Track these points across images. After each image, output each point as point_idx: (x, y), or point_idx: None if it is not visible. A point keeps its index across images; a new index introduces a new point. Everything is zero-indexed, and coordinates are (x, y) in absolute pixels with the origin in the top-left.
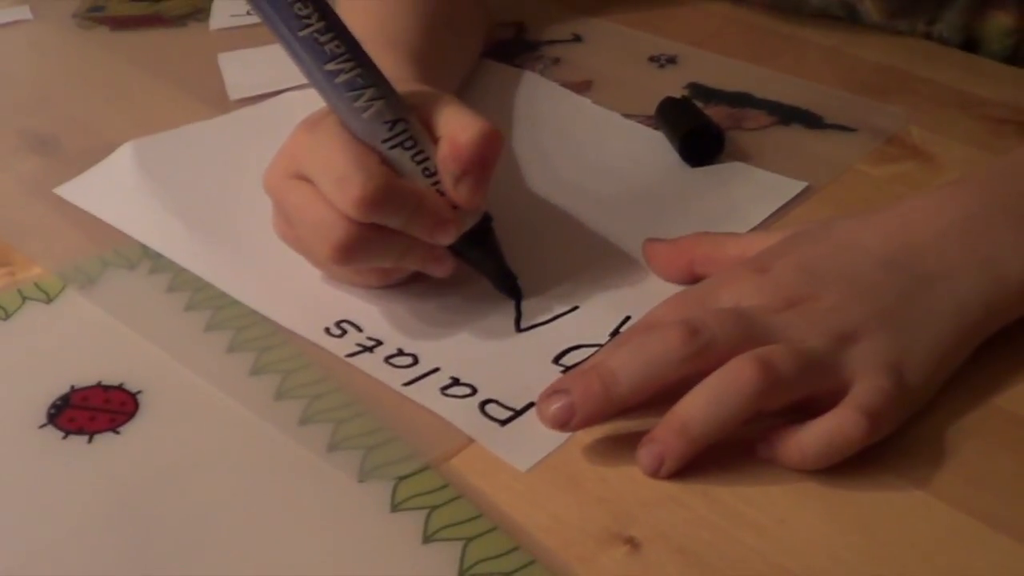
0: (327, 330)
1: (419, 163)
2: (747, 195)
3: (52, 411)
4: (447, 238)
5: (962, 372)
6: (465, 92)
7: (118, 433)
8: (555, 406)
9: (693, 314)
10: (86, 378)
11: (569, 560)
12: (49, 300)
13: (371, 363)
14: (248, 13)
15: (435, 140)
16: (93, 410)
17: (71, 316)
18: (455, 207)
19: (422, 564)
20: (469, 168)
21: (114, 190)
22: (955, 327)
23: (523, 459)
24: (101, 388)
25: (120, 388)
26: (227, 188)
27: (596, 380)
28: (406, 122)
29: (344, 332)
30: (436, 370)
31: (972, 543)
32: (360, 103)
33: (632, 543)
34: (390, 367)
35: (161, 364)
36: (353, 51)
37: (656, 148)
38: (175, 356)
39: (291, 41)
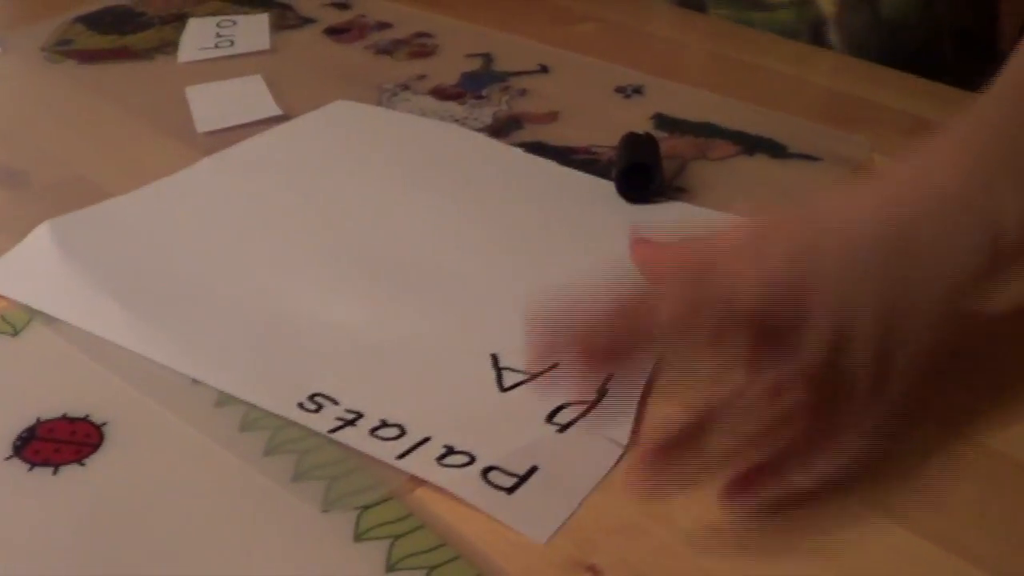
0: (301, 405)
1: None
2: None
3: (18, 443)
4: None
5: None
6: (403, 149)
7: (83, 465)
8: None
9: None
10: (52, 410)
11: None
12: (15, 333)
13: (356, 437)
14: (216, 46)
15: None
16: (59, 442)
17: (37, 349)
18: None
19: None
20: None
21: (37, 273)
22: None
23: (539, 530)
24: (66, 420)
25: (85, 420)
26: (159, 264)
27: None
28: None
29: (320, 407)
30: (427, 439)
31: (935, 569)
32: None
33: (594, 570)
34: (378, 440)
35: (126, 396)
36: None
37: (602, 192)
38: (140, 388)
39: None
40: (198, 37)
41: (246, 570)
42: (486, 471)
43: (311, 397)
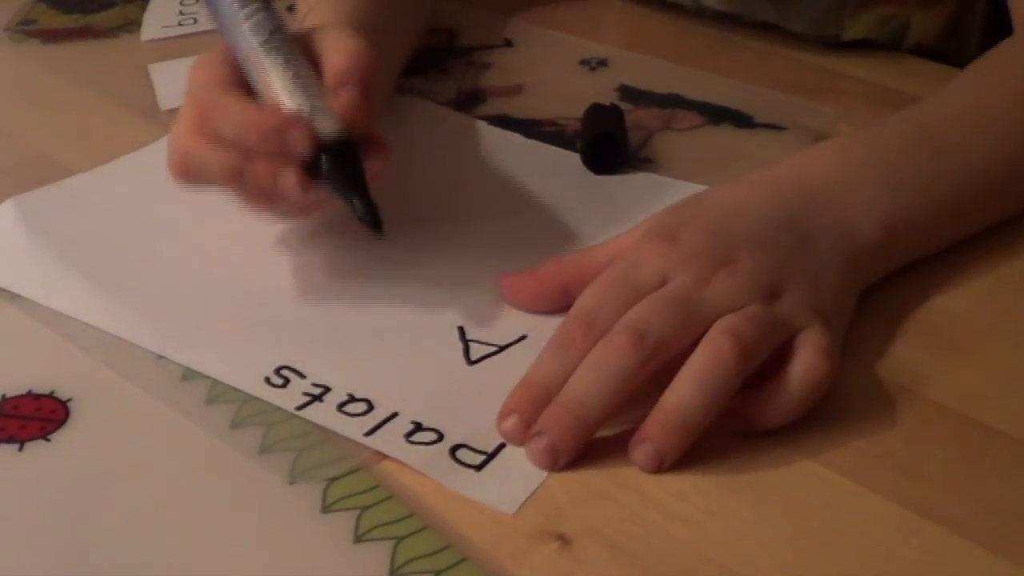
0: (267, 380)
1: (288, 67)
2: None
3: None
4: (298, 142)
5: (888, 363)
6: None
7: (49, 440)
8: (536, 450)
9: (634, 315)
10: (16, 386)
11: (500, 558)
12: None
13: (324, 414)
14: (179, 24)
15: (316, 61)
16: (24, 418)
17: (1, 326)
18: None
19: (353, 564)
20: (348, 78)
21: (1, 251)
22: (843, 273)
23: (508, 502)
24: (32, 396)
25: (51, 396)
26: (124, 241)
27: (567, 415)
28: (285, 34)
29: (287, 381)
30: (395, 415)
31: (900, 531)
32: (247, 10)
33: (563, 539)
34: (345, 416)
35: (92, 371)
36: None
37: (568, 164)
38: (106, 363)
39: None
40: (161, 15)
41: (214, 543)
42: (454, 449)
43: (278, 371)
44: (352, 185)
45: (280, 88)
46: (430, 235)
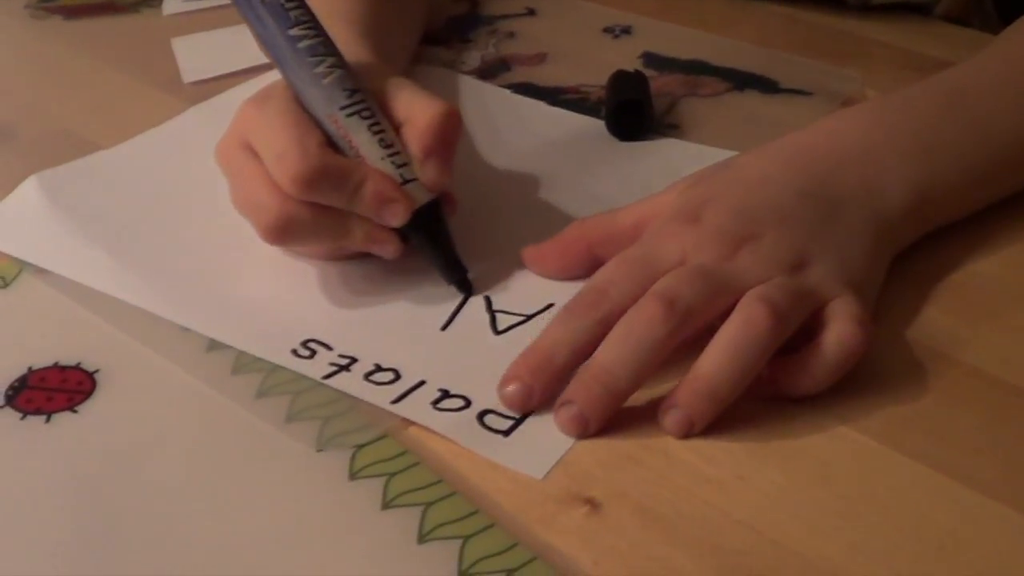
0: (294, 352)
1: (375, 133)
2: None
3: (9, 392)
4: (395, 217)
5: (919, 327)
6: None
7: (76, 412)
8: (565, 418)
9: (662, 284)
10: (43, 359)
11: (529, 522)
12: (6, 285)
13: (351, 382)
14: None
15: (392, 122)
16: (50, 390)
17: (28, 299)
18: (403, 184)
19: (382, 530)
20: (434, 148)
21: (26, 226)
22: (872, 240)
23: (537, 466)
24: (58, 368)
25: (77, 368)
26: (148, 214)
27: (596, 384)
28: (364, 92)
29: (313, 352)
30: (422, 383)
31: (932, 495)
32: (321, 69)
33: (592, 503)
34: (372, 385)
35: (118, 343)
36: (315, 23)
37: (593, 130)
38: (131, 334)
39: (256, 7)
40: None
41: (241, 512)
42: (482, 415)
43: (304, 343)
44: (440, 248)
45: (370, 154)
46: (477, 206)
